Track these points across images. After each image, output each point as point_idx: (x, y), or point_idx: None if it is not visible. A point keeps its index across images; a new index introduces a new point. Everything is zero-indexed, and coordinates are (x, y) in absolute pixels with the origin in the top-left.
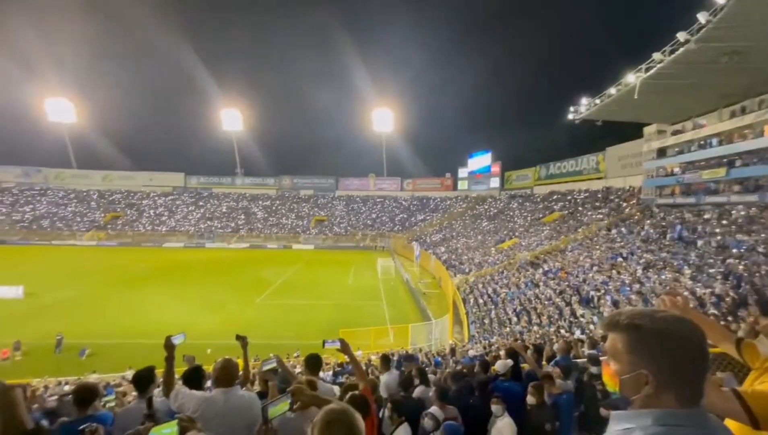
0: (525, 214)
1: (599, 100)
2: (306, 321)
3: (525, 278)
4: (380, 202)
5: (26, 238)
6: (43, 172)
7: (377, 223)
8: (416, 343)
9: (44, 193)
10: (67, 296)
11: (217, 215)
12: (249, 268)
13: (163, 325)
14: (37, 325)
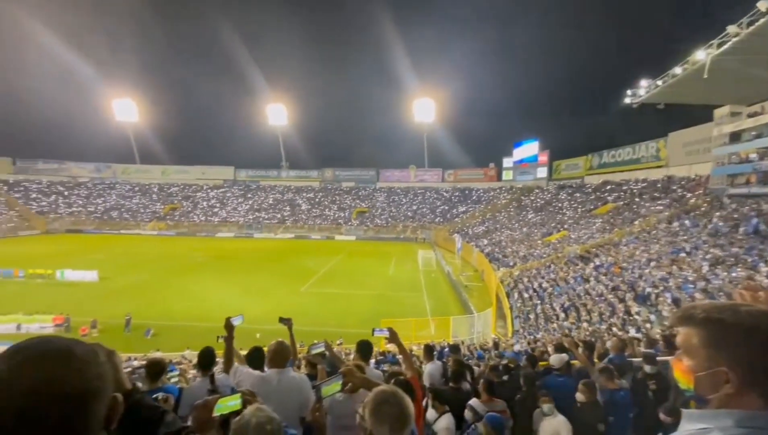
0: (575, 206)
1: (661, 81)
2: (347, 310)
3: (574, 273)
4: (421, 193)
5: (99, 227)
6: (112, 167)
7: (418, 215)
8: (458, 335)
9: (113, 187)
10: (134, 281)
11: (264, 207)
12: (294, 258)
13: (216, 310)
14: (110, 306)
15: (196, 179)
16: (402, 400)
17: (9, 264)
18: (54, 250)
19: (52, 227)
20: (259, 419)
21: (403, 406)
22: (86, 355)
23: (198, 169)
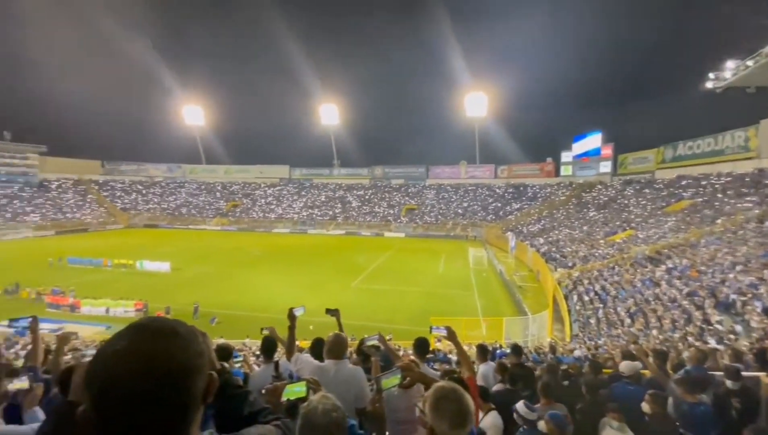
0: (643, 203)
1: (753, 61)
2: (397, 306)
3: (642, 275)
4: (472, 190)
5: (171, 222)
6: (182, 168)
7: (469, 212)
8: (510, 337)
9: (183, 186)
10: (201, 272)
11: (317, 204)
12: (345, 254)
13: (272, 302)
14: (180, 294)
15: (255, 178)
16: (462, 396)
17: (99, 255)
18: (134, 242)
19: (132, 222)
20: (325, 406)
21: (463, 403)
22: (188, 335)
23: (257, 169)
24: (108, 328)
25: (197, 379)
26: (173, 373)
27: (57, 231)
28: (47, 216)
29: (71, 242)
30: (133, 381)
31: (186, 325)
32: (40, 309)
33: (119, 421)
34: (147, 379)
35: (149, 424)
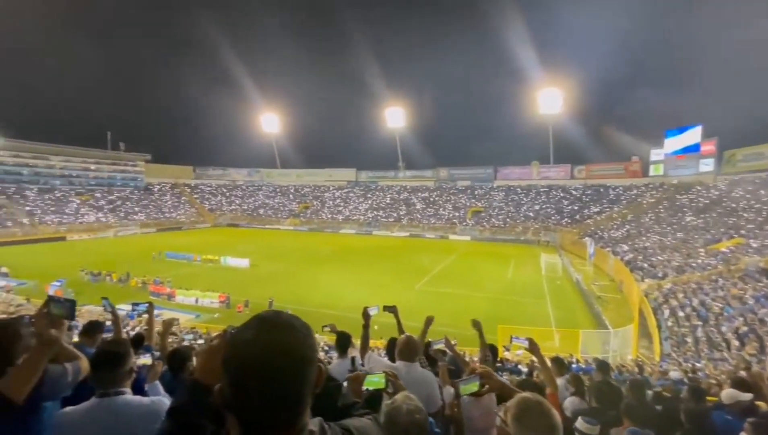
0: (757, 206)
1: None
2: (461, 311)
3: (755, 291)
4: (545, 191)
5: (250, 222)
6: (260, 172)
7: (541, 216)
8: (587, 351)
9: (260, 189)
10: (275, 269)
11: (382, 206)
12: (409, 256)
13: (339, 300)
14: (258, 289)
15: (324, 181)
16: (550, 411)
17: (190, 250)
18: (219, 240)
19: (217, 222)
20: (409, 407)
21: (550, 417)
22: (303, 329)
23: (326, 172)
24: (197, 317)
25: (312, 369)
26: (295, 362)
27: (158, 228)
28: (150, 215)
29: (169, 239)
30: (263, 368)
31: (300, 320)
32: (144, 296)
33: (252, 402)
34: (274, 367)
35: (277, 406)
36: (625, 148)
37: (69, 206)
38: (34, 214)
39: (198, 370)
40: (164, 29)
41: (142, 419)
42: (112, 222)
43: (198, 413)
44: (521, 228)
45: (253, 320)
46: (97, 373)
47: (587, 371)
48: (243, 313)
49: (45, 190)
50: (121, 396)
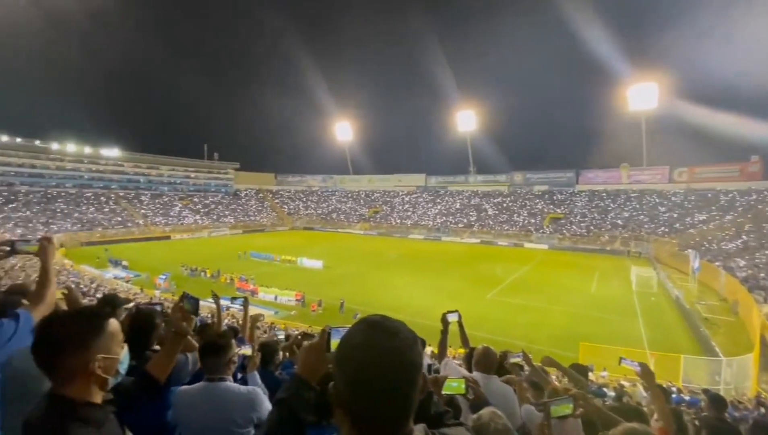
0: None
1: None
2: (536, 324)
3: None
4: (636, 197)
5: (323, 226)
6: (333, 178)
7: (631, 224)
8: (691, 380)
9: (333, 194)
10: (346, 271)
11: (452, 211)
12: (480, 263)
13: (407, 304)
14: (330, 289)
15: (393, 186)
16: None
17: (271, 251)
18: (296, 242)
19: (295, 225)
20: (497, 425)
21: None
22: (411, 335)
23: (395, 177)
24: (276, 313)
25: (419, 375)
26: (407, 367)
27: (244, 230)
28: (238, 218)
29: (253, 240)
30: (379, 371)
31: (406, 326)
32: (231, 291)
33: (367, 403)
34: (389, 371)
35: (389, 409)
36: (742, 146)
37: (173, 209)
38: (147, 216)
39: (300, 366)
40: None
41: (239, 405)
42: (206, 224)
43: (300, 406)
44: (607, 237)
45: (363, 324)
46: (204, 360)
47: (692, 403)
48: (317, 312)
49: (155, 195)
50: (223, 383)
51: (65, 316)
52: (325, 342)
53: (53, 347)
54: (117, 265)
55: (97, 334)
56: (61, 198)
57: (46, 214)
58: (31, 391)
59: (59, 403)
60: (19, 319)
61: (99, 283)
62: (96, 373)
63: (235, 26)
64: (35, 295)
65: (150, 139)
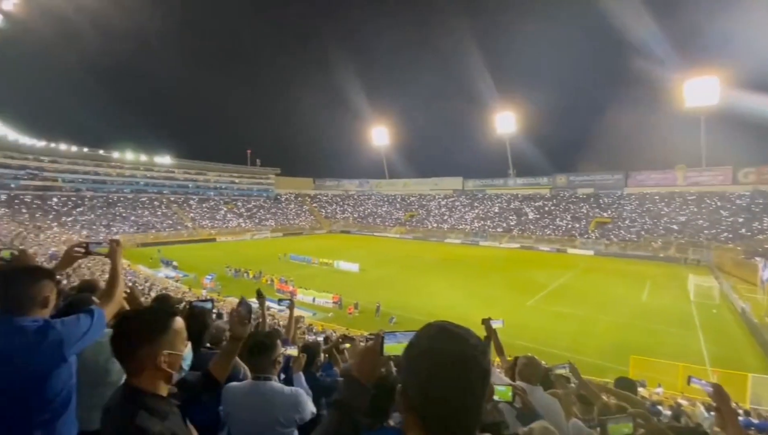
0: None
1: None
2: (581, 334)
3: None
4: (694, 200)
5: (360, 229)
6: (370, 182)
7: (688, 229)
8: (760, 402)
9: (369, 198)
10: (382, 274)
11: (490, 215)
12: (519, 269)
13: (444, 310)
14: (366, 293)
15: (429, 190)
16: None
17: (309, 253)
18: (333, 245)
19: (332, 228)
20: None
21: None
22: (482, 343)
23: (431, 181)
24: (314, 315)
25: (488, 381)
26: (480, 374)
27: (284, 233)
28: (278, 221)
29: (292, 242)
30: (452, 378)
31: (474, 333)
32: (271, 292)
33: (439, 410)
34: (463, 378)
35: (461, 415)
36: None
37: (219, 213)
38: (195, 219)
39: (355, 369)
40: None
41: (282, 405)
42: (249, 227)
43: (357, 408)
44: (661, 243)
45: (432, 329)
46: (251, 359)
47: (762, 428)
48: (353, 314)
49: (203, 199)
50: (268, 382)
51: (137, 314)
52: (379, 346)
53: (126, 341)
54: (168, 265)
55: (164, 331)
56: (120, 202)
57: (108, 217)
58: (99, 379)
59: (131, 393)
60: (94, 314)
61: (152, 282)
62: (162, 368)
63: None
64: (105, 293)
65: (199, 147)
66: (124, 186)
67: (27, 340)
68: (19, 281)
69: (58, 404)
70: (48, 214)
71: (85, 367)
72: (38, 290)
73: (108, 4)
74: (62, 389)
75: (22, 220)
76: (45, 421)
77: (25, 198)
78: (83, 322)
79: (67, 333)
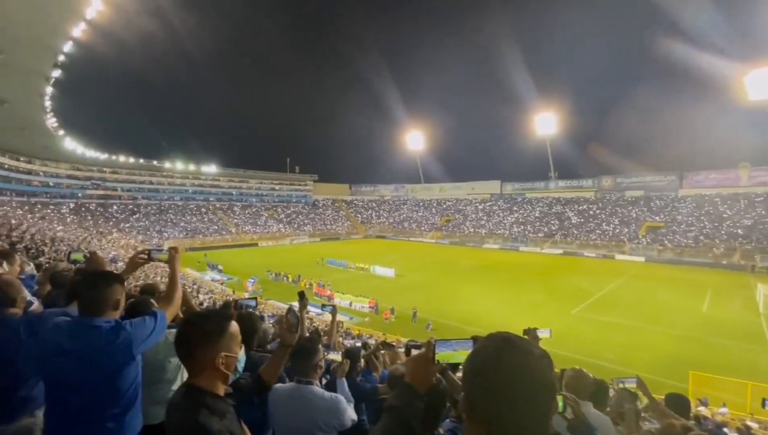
0: None
1: None
2: (633, 346)
3: None
4: (762, 202)
5: (395, 234)
6: (405, 187)
7: (756, 233)
8: None
9: (405, 203)
10: (418, 280)
11: (530, 220)
12: (562, 276)
13: (482, 317)
14: (402, 298)
15: (466, 194)
16: None
17: (345, 258)
18: (369, 250)
19: (368, 233)
20: None
21: None
22: (545, 355)
23: (468, 185)
24: (350, 319)
25: (554, 396)
26: (548, 387)
27: (321, 238)
28: (316, 227)
29: (329, 247)
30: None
31: (538, 347)
32: (310, 296)
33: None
34: (531, 390)
35: (527, 428)
36: None
37: (260, 219)
38: (238, 224)
39: (408, 375)
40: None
41: (322, 410)
42: (288, 232)
43: (412, 414)
44: (723, 249)
45: (495, 340)
46: (294, 362)
47: None
48: (389, 320)
49: (246, 206)
50: (309, 386)
51: (198, 318)
52: (432, 353)
53: (188, 343)
54: (214, 269)
55: (221, 334)
56: (171, 210)
57: (160, 223)
58: (157, 376)
59: (193, 391)
60: (157, 316)
61: (199, 285)
62: (220, 369)
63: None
64: (165, 297)
65: (242, 156)
66: (175, 194)
67: (101, 339)
68: (95, 285)
69: (127, 399)
70: (109, 221)
71: (146, 366)
72: (111, 294)
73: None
74: (131, 385)
75: (87, 226)
76: (116, 415)
77: (90, 206)
78: (148, 323)
79: (135, 333)
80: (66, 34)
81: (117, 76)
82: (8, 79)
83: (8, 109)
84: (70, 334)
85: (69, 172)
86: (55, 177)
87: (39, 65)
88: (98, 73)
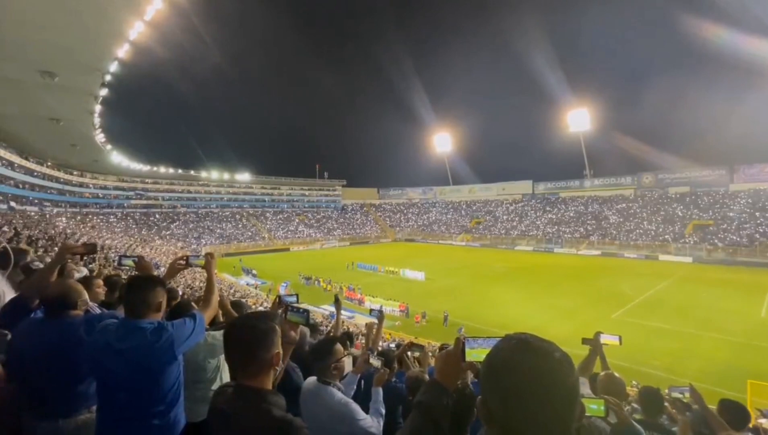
0: None
1: None
2: (681, 352)
3: None
4: None
5: (425, 238)
6: (433, 190)
7: None
8: None
9: (434, 206)
10: (449, 283)
11: (565, 220)
12: (601, 278)
13: (516, 322)
14: (433, 302)
15: (496, 195)
16: None
17: (375, 262)
18: (398, 253)
19: (397, 237)
20: None
21: None
22: (568, 359)
23: (498, 186)
24: None
25: (578, 403)
26: (568, 392)
27: (351, 242)
28: (345, 231)
29: (359, 251)
30: (536, 394)
31: (558, 348)
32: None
33: (522, 425)
34: (547, 395)
35: (545, 432)
36: None
37: (292, 224)
38: (270, 230)
39: (437, 372)
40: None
41: (334, 413)
42: (318, 237)
43: (439, 411)
44: None
45: (511, 341)
46: (312, 363)
47: None
48: (420, 323)
49: (278, 212)
50: (326, 386)
51: (253, 319)
52: (461, 350)
53: (250, 344)
54: (248, 274)
55: (276, 333)
56: (208, 217)
57: (198, 230)
58: (197, 376)
59: (252, 393)
60: (197, 318)
61: (235, 289)
62: (274, 366)
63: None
64: (203, 300)
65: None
66: (211, 202)
67: (145, 340)
68: (140, 288)
69: (170, 397)
70: (151, 229)
71: (187, 366)
72: (154, 296)
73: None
74: (173, 384)
75: (132, 234)
76: (160, 412)
77: (134, 215)
78: (189, 325)
79: (177, 334)
80: (112, 56)
81: (157, 91)
82: (63, 99)
83: (63, 127)
84: (117, 334)
85: (116, 184)
86: (103, 188)
87: (89, 86)
88: (140, 90)
